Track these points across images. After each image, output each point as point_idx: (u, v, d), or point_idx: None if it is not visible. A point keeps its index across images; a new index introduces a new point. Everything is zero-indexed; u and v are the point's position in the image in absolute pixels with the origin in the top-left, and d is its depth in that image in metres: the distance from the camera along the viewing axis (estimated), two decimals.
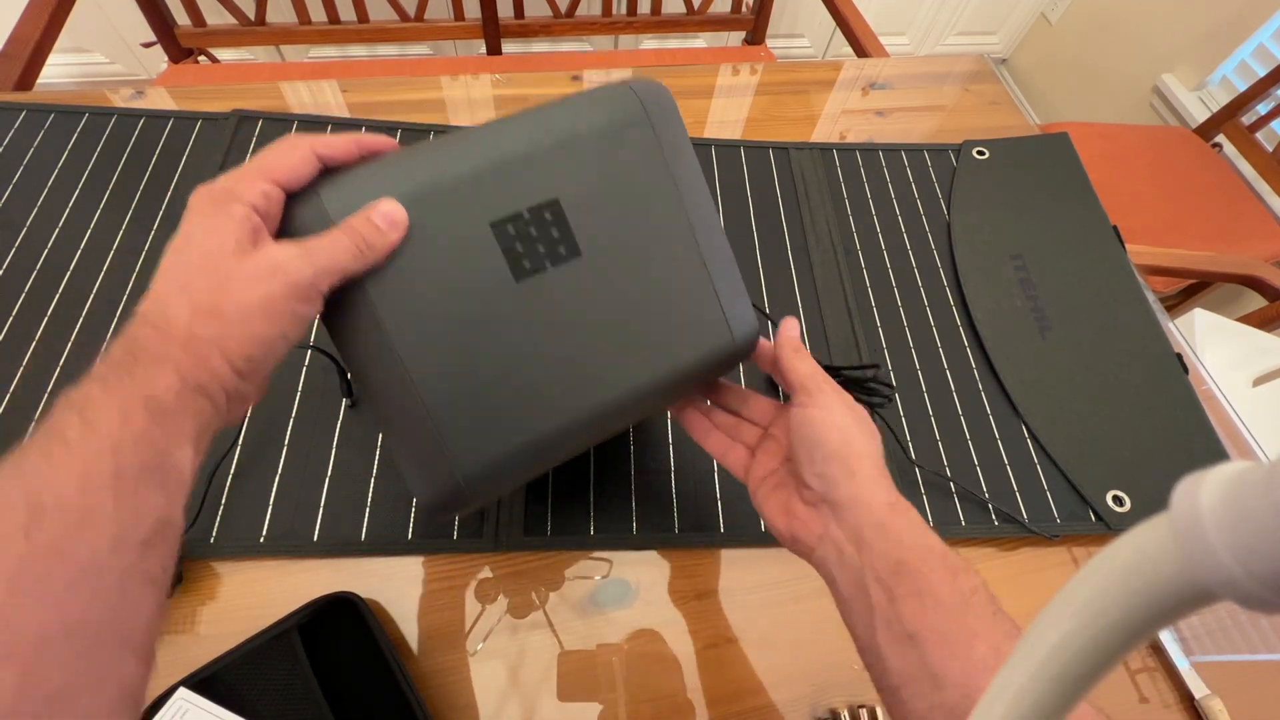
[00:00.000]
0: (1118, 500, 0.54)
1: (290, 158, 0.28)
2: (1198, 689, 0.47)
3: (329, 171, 0.30)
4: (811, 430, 0.33)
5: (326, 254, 0.27)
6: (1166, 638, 0.49)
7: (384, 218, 0.28)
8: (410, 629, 0.46)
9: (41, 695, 0.18)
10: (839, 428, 0.33)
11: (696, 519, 0.51)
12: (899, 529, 0.31)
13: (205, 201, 0.27)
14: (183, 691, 0.39)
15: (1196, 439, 0.58)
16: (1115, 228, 0.71)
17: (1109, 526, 0.53)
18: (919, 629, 0.28)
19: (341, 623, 0.44)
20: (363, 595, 0.44)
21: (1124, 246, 0.70)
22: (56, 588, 0.19)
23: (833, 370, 0.53)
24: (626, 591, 0.48)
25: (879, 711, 0.44)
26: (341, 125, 0.71)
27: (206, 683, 0.40)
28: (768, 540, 0.50)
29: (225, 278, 0.25)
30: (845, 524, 0.32)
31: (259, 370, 0.27)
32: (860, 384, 0.54)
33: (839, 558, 0.32)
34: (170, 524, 0.23)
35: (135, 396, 0.23)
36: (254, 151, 0.67)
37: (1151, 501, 0.54)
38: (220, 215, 0.26)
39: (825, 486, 0.32)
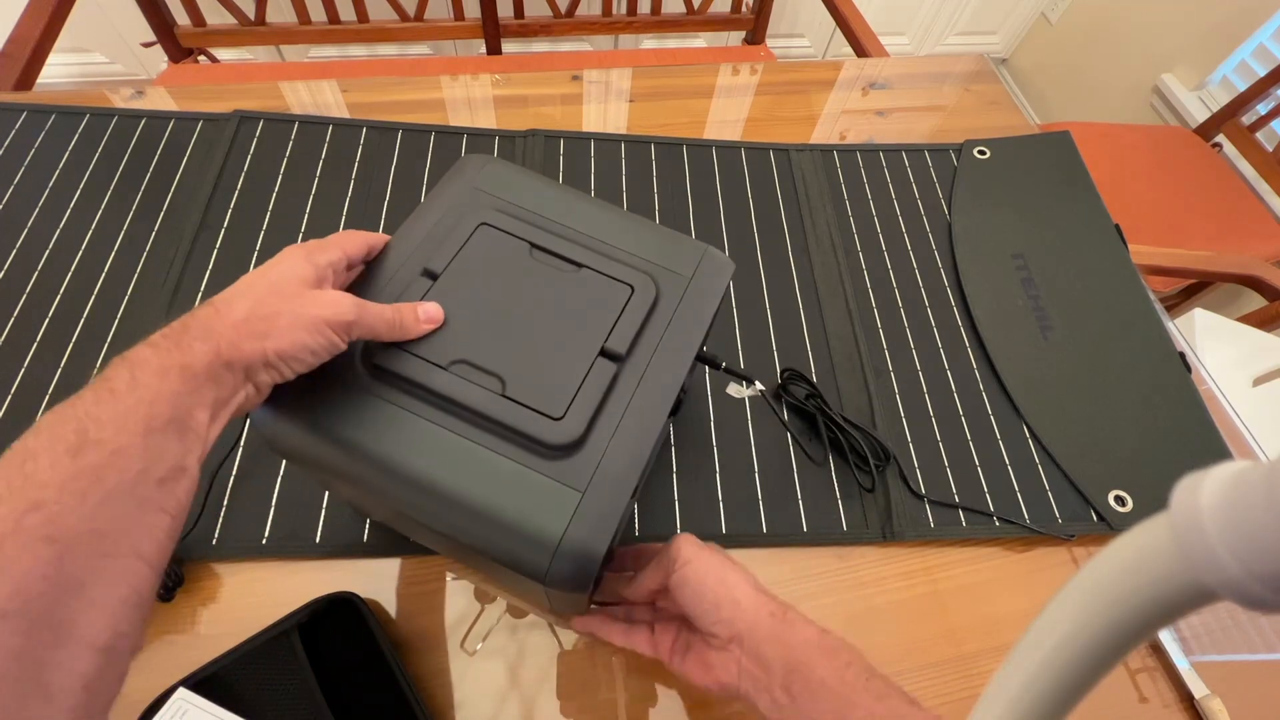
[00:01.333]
0: (1120, 500, 0.54)
1: (357, 241, 0.37)
2: (1198, 689, 0.47)
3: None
4: (696, 588, 0.37)
5: (373, 313, 0.33)
6: (1166, 638, 0.49)
7: (426, 315, 0.35)
8: (410, 629, 0.46)
9: (70, 579, 0.23)
10: (713, 574, 0.37)
11: (699, 520, 0.51)
12: (784, 634, 0.35)
13: (294, 250, 0.34)
14: (182, 691, 0.38)
15: (1199, 439, 0.58)
16: (1118, 227, 0.71)
17: (1111, 527, 0.53)
18: (816, 716, 0.33)
19: (341, 623, 0.44)
20: (363, 595, 0.44)
21: (1126, 246, 0.70)
22: (91, 501, 0.24)
23: (836, 420, 0.54)
24: None
25: None
26: (342, 125, 0.71)
27: (206, 683, 0.40)
28: (768, 541, 0.51)
29: (290, 296, 0.31)
30: (748, 651, 0.35)
31: (282, 369, 0.31)
32: (851, 444, 0.53)
33: (755, 684, 0.35)
34: (183, 470, 0.28)
35: (174, 362, 0.28)
36: (254, 152, 0.67)
37: (1154, 501, 0.54)
38: (303, 260, 0.33)
39: (727, 629, 0.36)
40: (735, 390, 0.54)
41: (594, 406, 0.34)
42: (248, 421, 0.49)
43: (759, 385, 0.43)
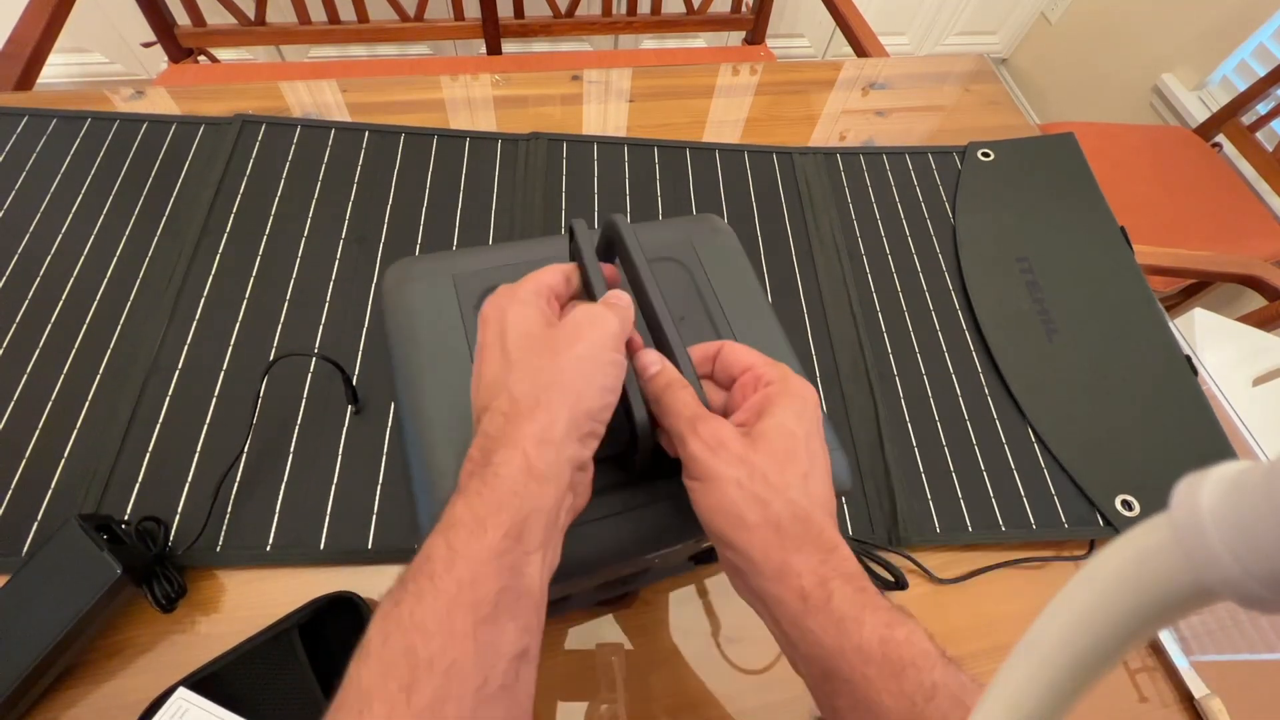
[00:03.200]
0: (1126, 505, 0.54)
1: (562, 280, 0.31)
2: (1197, 689, 0.47)
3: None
4: (698, 511, 0.28)
5: (623, 311, 0.28)
6: (1166, 637, 0.49)
7: (616, 297, 0.30)
8: None
9: None
10: (723, 506, 0.26)
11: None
12: (817, 631, 0.25)
13: (497, 305, 0.28)
14: (182, 691, 0.39)
15: (1207, 443, 0.58)
16: (1123, 229, 0.71)
17: (1118, 531, 0.53)
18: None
19: (341, 622, 0.44)
20: (363, 596, 0.44)
21: (1131, 248, 0.70)
22: None
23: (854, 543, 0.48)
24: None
25: None
26: (344, 129, 0.71)
27: (206, 682, 0.40)
28: None
29: (548, 343, 0.26)
30: (769, 619, 0.27)
31: (597, 429, 0.26)
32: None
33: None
34: (527, 655, 0.23)
35: (489, 508, 0.23)
36: (257, 157, 0.67)
37: (1161, 507, 0.53)
38: (515, 305, 0.28)
39: (734, 576, 0.28)
40: None
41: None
42: (252, 427, 0.49)
43: None
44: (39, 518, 0.47)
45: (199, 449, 0.50)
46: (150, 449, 0.50)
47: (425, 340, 0.36)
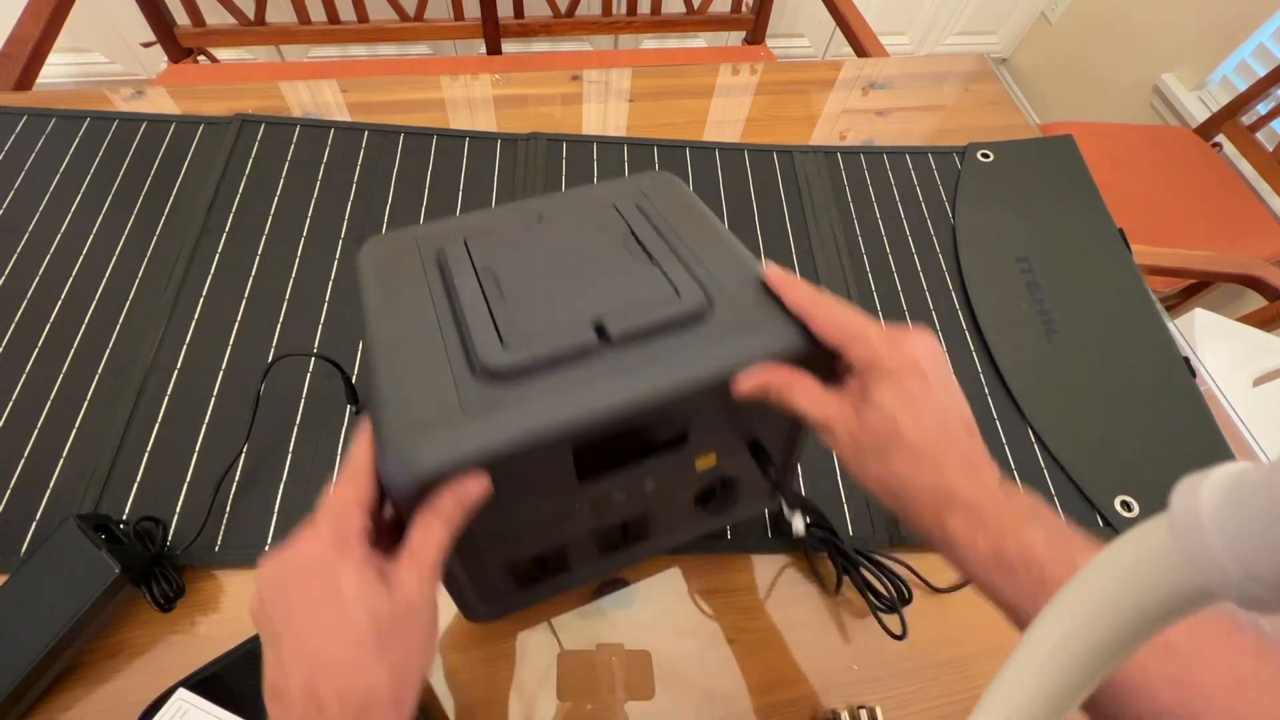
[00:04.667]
0: (1126, 505, 0.54)
1: (368, 490, 0.28)
2: None
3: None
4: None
5: (434, 556, 0.26)
6: None
7: (471, 498, 0.27)
8: None
9: None
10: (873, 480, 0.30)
11: None
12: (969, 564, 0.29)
13: (328, 551, 0.26)
14: (182, 692, 0.38)
15: (1206, 445, 0.58)
16: (1121, 230, 0.71)
17: (1117, 532, 0.53)
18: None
19: None
20: None
21: (1130, 249, 0.70)
22: None
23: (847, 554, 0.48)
24: (626, 592, 0.48)
25: (879, 712, 0.44)
26: (344, 129, 0.71)
27: (206, 683, 0.40)
28: (774, 545, 0.51)
29: (398, 629, 0.25)
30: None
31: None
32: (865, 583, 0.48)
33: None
34: None
35: None
36: (256, 156, 0.67)
37: (1160, 508, 0.53)
38: (350, 565, 0.25)
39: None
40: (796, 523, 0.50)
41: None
42: (251, 428, 0.49)
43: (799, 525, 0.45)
44: (37, 517, 0.47)
45: (197, 449, 0.50)
46: (149, 448, 0.50)
47: (383, 296, 0.35)
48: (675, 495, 0.40)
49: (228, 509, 0.48)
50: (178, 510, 0.47)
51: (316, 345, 0.56)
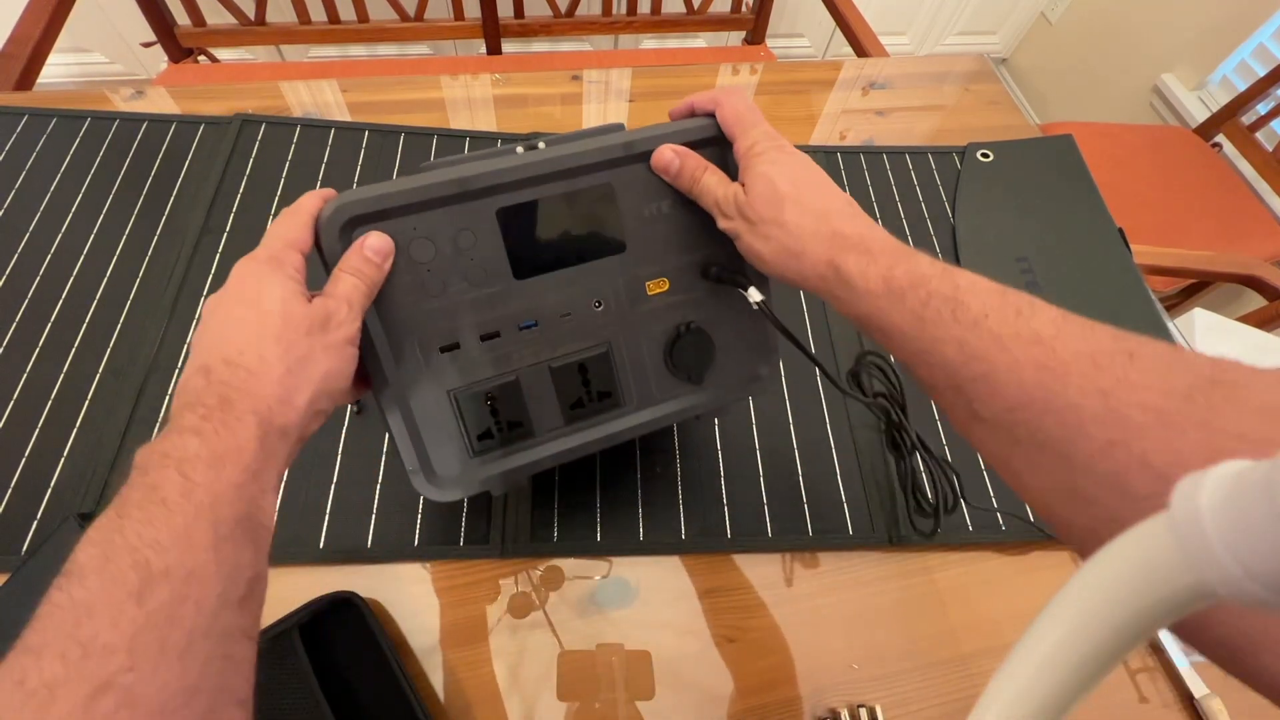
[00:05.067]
0: None
1: (305, 231, 0.32)
2: (1198, 688, 0.47)
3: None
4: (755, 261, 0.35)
5: (361, 301, 0.31)
6: (1166, 637, 0.49)
7: (375, 252, 0.32)
8: (410, 628, 0.46)
9: None
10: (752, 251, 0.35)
11: (703, 524, 0.51)
12: (845, 298, 0.31)
13: (263, 267, 0.30)
14: None
15: None
16: (1121, 230, 0.71)
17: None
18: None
19: (341, 622, 0.44)
20: (363, 595, 0.44)
21: (1130, 249, 0.70)
22: (172, 653, 0.19)
23: (910, 435, 0.47)
24: (626, 591, 0.48)
25: (879, 711, 0.44)
26: (344, 129, 0.71)
27: None
28: (775, 545, 0.51)
29: (303, 326, 0.28)
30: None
31: (327, 409, 0.30)
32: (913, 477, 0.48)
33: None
34: (260, 579, 0.24)
35: (227, 448, 0.24)
36: (257, 156, 0.67)
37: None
38: (283, 276, 0.29)
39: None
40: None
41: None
42: None
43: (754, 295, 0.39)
44: (38, 516, 0.47)
45: None
46: None
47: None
48: (639, 342, 0.40)
49: None
50: None
51: None
